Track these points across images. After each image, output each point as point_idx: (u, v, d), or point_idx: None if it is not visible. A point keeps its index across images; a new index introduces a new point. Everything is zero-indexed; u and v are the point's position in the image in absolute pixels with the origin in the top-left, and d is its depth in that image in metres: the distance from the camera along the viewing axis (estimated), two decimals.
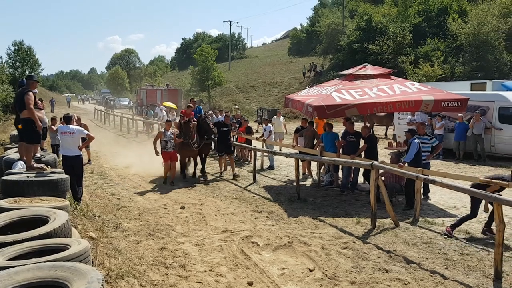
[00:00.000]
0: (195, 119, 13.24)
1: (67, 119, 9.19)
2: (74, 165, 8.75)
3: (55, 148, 13.27)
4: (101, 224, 7.73)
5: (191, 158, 13.64)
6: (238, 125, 16.65)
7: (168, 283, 5.67)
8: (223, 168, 13.78)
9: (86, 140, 9.41)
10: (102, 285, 3.32)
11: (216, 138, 13.61)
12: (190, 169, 13.86)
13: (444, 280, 5.82)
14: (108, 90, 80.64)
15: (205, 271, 6.13)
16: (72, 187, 8.29)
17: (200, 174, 13.26)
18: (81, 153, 9.23)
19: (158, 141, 12.32)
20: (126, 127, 28.01)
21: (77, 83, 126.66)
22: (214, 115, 20.28)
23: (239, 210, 9.53)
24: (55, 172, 7.70)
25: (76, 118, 14.98)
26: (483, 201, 7.47)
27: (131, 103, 51.45)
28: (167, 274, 5.95)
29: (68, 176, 7.48)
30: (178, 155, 12.71)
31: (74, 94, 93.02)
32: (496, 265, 5.89)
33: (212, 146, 14.77)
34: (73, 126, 9.13)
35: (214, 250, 7.00)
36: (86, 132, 9.35)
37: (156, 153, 12.12)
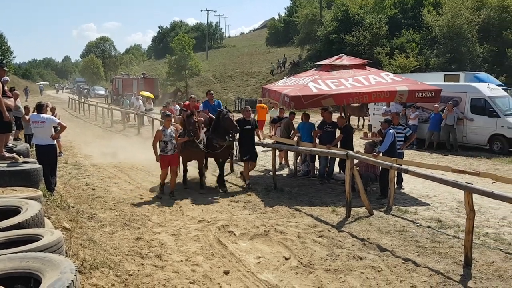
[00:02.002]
0: (209, 114, 11.14)
1: (39, 108, 9.01)
2: (47, 155, 8.58)
3: (28, 137, 12.99)
4: (76, 214, 7.63)
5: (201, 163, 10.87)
6: None
7: (144, 273, 5.65)
8: (248, 179, 10.75)
9: (59, 129, 9.23)
10: (76, 275, 3.29)
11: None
12: (208, 176, 11.49)
13: (416, 267, 5.96)
14: (82, 78, 79.17)
15: (182, 261, 6.13)
16: (45, 177, 8.15)
17: (217, 185, 10.70)
18: (54, 142, 9.05)
19: (158, 144, 9.87)
20: (102, 116, 27.57)
21: (50, 72, 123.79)
22: None
23: (216, 200, 9.53)
24: (27, 162, 7.55)
25: (50, 107, 14.73)
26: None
27: (107, 92, 50.65)
28: (142, 264, 5.92)
29: (41, 166, 7.35)
30: (179, 158, 10.25)
31: (47, 83, 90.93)
32: (466, 252, 6.06)
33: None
34: (44, 115, 8.95)
35: (191, 239, 7.00)
36: (58, 121, 9.18)
37: (157, 158, 9.63)
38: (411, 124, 15.74)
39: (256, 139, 10.96)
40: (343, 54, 12.30)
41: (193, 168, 11.15)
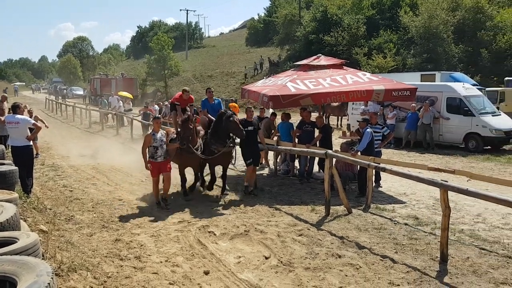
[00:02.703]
0: (208, 115, 10.16)
1: (14, 109, 8.86)
2: (23, 156, 8.44)
3: (4, 139, 12.73)
4: (53, 216, 7.53)
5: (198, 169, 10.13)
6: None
7: (123, 274, 5.61)
8: (253, 183, 10.01)
9: (34, 130, 9.08)
10: (52, 278, 3.25)
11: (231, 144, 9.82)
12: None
13: (394, 264, 6.06)
14: (60, 79, 77.83)
15: (161, 262, 6.11)
16: (21, 179, 8.03)
17: (216, 192, 9.99)
18: (30, 144, 8.92)
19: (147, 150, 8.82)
20: (80, 117, 27.18)
21: (27, 72, 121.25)
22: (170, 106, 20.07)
23: (195, 200, 9.50)
24: (3, 164, 7.42)
25: (28, 110, 14.49)
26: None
27: (85, 93, 49.94)
28: (121, 266, 5.88)
29: (17, 167, 7.23)
30: (170, 165, 9.15)
31: (23, 83, 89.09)
32: (442, 249, 6.18)
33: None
34: (19, 116, 8.80)
35: (170, 240, 6.97)
36: (33, 121, 9.04)
37: (147, 165, 8.72)
38: (389, 124, 15.97)
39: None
40: (320, 54, 12.40)
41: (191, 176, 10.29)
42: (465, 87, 16.52)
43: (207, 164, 9.98)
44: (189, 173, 10.03)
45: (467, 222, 7.91)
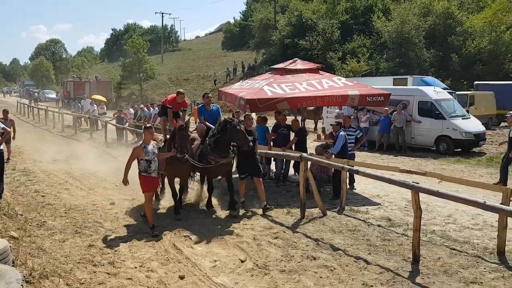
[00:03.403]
0: (206, 123, 9.34)
1: None
2: None
3: None
4: (24, 222, 7.38)
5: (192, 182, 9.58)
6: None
7: (96, 281, 5.54)
8: (243, 196, 9.18)
9: (4, 135, 8.88)
10: (22, 285, 3.20)
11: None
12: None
13: (367, 265, 6.16)
14: (32, 82, 76.18)
15: (136, 267, 6.06)
16: None
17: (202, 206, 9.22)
18: (1, 148, 8.72)
19: (134, 162, 7.59)
20: (52, 121, 26.65)
21: None
22: (145, 109, 19.92)
23: (171, 204, 9.43)
24: None
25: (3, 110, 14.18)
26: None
27: (58, 96, 48.99)
28: (95, 272, 5.80)
29: None
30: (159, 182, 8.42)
31: None
32: (414, 249, 6.31)
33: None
34: None
35: (145, 245, 6.92)
36: (2, 125, 8.84)
37: (125, 181, 7.45)
38: (362, 127, 16.22)
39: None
40: (297, 58, 12.51)
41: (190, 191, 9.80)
42: (436, 91, 16.92)
43: (196, 175, 9.45)
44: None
45: (439, 223, 8.10)
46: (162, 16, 67.36)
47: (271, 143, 11.25)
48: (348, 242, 7.06)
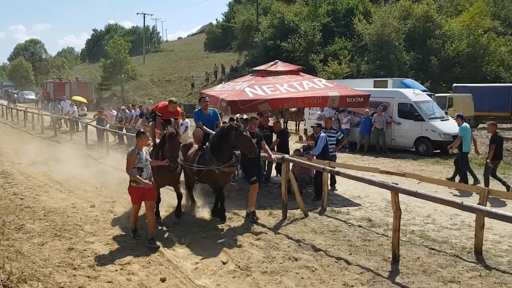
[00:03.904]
0: (204, 128, 8.71)
1: None
2: None
3: None
4: (1, 226, 7.28)
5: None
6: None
7: (76, 284, 5.48)
8: (254, 202, 8.54)
9: None
10: None
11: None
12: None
13: (348, 265, 6.23)
14: (10, 83, 74.71)
15: (116, 270, 6.01)
16: None
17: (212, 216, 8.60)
18: None
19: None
20: (31, 122, 26.22)
21: None
22: (127, 110, 19.74)
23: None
24: None
25: None
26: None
27: (38, 97, 48.16)
28: (75, 276, 5.74)
29: None
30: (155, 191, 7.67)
31: None
32: (394, 249, 6.40)
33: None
34: None
35: (126, 248, 6.86)
36: None
37: (146, 182, 6.96)
38: (343, 128, 16.39)
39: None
40: (278, 60, 12.57)
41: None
42: (415, 93, 17.19)
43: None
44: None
45: (418, 223, 8.22)
46: (144, 17, 66.85)
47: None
48: (329, 242, 7.12)
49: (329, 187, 9.72)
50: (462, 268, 6.13)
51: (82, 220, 8.28)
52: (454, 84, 27.26)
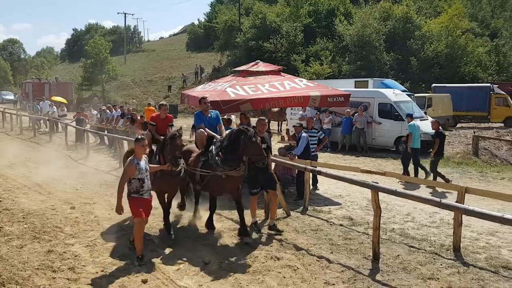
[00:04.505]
0: (207, 130, 7.98)
1: None
2: None
3: None
4: None
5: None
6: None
7: (56, 287, 5.43)
8: (256, 215, 8.00)
9: None
10: None
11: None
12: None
13: (329, 264, 6.29)
14: None
15: (97, 272, 5.96)
16: None
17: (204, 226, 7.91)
18: None
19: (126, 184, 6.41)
20: (10, 123, 25.72)
21: None
22: (108, 111, 19.53)
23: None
24: None
25: None
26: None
27: (16, 98, 47.28)
28: (54, 278, 5.68)
29: None
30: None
31: None
32: (374, 247, 6.49)
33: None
34: None
35: (107, 250, 6.80)
36: None
37: (119, 209, 6.26)
38: (325, 128, 16.51)
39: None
40: (259, 61, 12.60)
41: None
42: (395, 93, 17.42)
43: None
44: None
45: (398, 222, 8.34)
46: (125, 17, 66.00)
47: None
48: (311, 241, 7.18)
49: (311, 187, 9.79)
50: (441, 265, 6.24)
51: (62, 222, 8.17)
52: (433, 84, 27.73)
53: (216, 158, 7.16)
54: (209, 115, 8.39)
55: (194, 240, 7.25)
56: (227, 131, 7.82)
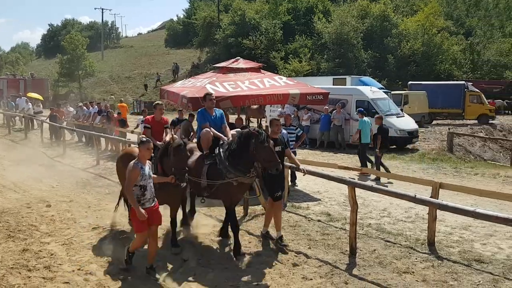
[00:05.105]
0: (213, 130, 7.21)
1: None
2: None
3: None
4: None
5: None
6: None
7: (31, 286, 5.34)
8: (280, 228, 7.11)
9: None
10: None
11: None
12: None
13: (307, 259, 6.36)
14: None
15: (73, 271, 5.89)
16: None
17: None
18: None
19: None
20: None
21: None
22: (85, 108, 19.24)
23: (112, 205, 9.20)
24: None
25: None
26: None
27: None
28: (29, 277, 5.59)
29: None
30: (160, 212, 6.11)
31: None
32: (351, 242, 6.58)
33: None
34: None
35: (84, 248, 6.73)
36: None
37: (141, 215, 5.49)
38: (304, 125, 16.61)
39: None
40: (239, 58, 12.58)
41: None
42: (372, 90, 17.65)
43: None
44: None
45: (374, 217, 8.46)
46: (102, 12, 65.93)
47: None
48: (289, 237, 7.22)
49: (290, 183, 9.85)
50: (416, 259, 6.37)
51: (37, 220, 8.03)
52: (409, 82, 28.17)
53: (227, 163, 6.47)
54: (214, 113, 7.54)
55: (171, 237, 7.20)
56: (234, 132, 7.24)
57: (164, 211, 6.29)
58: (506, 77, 35.41)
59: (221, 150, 6.67)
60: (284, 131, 10.00)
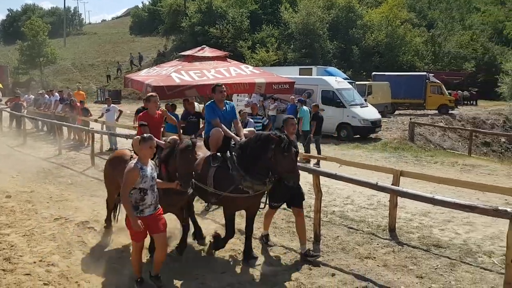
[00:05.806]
0: (223, 128, 6.22)
1: None
2: None
3: None
4: None
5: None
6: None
7: None
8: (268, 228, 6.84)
9: None
10: None
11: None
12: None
13: (273, 247, 6.45)
14: None
15: (35, 262, 5.76)
16: None
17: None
18: None
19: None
20: None
21: None
22: (46, 95, 18.67)
23: (74, 196, 9.04)
24: None
25: None
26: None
27: None
28: None
29: None
30: (164, 219, 5.33)
31: None
32: (315, 229, 6.72)
33: None
34: None
35: (45, 239, 6.59)
36: None
37: (137, 226, 4.81)
38: (270, 115, 16.70)
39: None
40: (205, 46, 12.48)
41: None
42: (337, 80, 17.92)
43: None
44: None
45: (338, 204, 8.65)
46: None
47: (181, 131, 11.16)
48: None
49: None
50: (377, 245, 6.56)
51: None
52: (373, 73, 28.71)
53: (242, 169, 5.63)
54: (224, 107, 6.53)
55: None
56: (246, 131, 6.51)
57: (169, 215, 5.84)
58: (465, 68, 36.59)
59: (233, 153, 5.82)
60: (251, 120, 10.07)
